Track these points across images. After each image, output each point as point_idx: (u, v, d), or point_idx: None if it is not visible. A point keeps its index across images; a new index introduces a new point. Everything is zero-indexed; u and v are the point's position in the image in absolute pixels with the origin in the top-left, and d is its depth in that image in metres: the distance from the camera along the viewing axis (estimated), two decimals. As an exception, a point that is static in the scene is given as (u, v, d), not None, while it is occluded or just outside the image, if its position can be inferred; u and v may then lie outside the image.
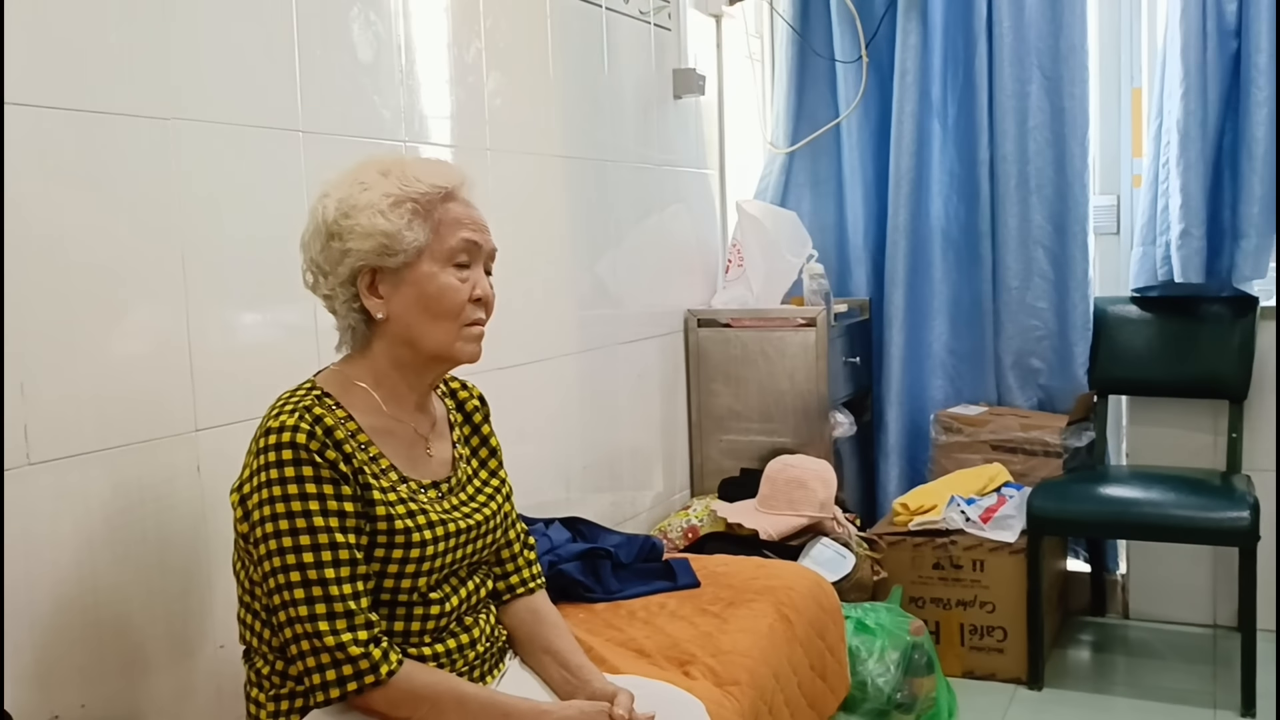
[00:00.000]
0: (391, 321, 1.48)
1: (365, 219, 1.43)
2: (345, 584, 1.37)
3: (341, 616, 1.36)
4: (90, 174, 1.56)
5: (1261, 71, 2.98)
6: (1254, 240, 3.05)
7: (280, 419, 1.39)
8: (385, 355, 1.50)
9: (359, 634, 1.36)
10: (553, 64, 2.61)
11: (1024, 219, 3.30)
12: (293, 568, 1.36)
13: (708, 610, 2.13)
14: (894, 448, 3.43)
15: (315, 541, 1.36)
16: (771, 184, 3.55)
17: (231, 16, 1.78)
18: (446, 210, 1.48)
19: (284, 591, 1.36)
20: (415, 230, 1.45)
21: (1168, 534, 2.94)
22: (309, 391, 1.45)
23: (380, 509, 1.42)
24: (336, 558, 1.37)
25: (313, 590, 1.35)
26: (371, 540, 1.42)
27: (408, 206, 1.45)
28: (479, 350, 1.53)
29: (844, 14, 3.42)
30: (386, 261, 1.45)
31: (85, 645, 1.55)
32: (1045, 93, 3.25)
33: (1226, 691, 2.85)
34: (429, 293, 1.46)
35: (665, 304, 3.16)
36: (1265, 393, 3.17)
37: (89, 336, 1.56)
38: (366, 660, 1.36)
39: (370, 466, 1.44)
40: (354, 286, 1.47)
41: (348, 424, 1.44)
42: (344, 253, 1.45)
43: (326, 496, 1.37)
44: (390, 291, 1.47)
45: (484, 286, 1.50)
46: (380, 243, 1.44)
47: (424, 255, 1.46)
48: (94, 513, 1.57)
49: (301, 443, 1.37)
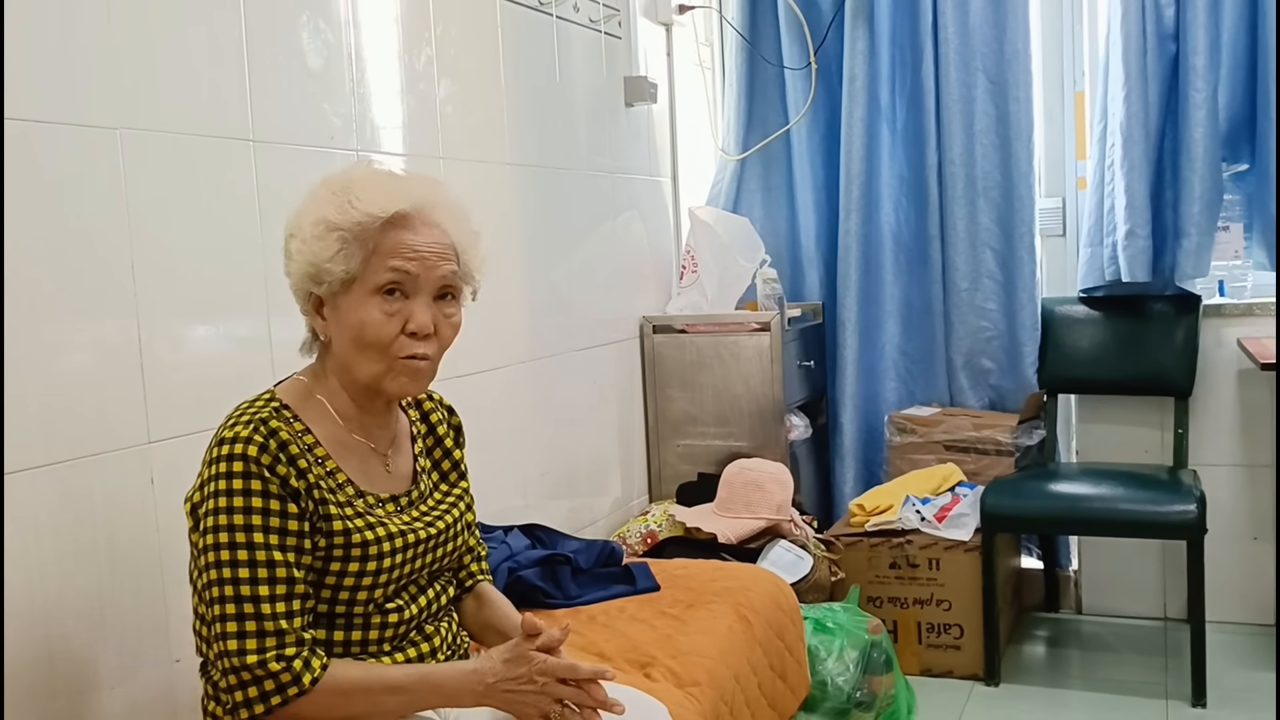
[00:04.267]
0: (334, 346, 1.46)
1: (297, 244, 1.42)
2: (279, 602, 1.35)
3: (271, 635, 1.34)
4: (36, 184, 1.54)
5: (1199, 74, 3.04)
6: (1195, 239, 3.11)
7: (235, 429, 1.38)
8: (335, 374, 1.48)
9: (285, 650, 1.34)
10: (504, 72, 2.61)
11: (972, 222, 3.35)
12: (228, 582, 1.34)
13: (667, 613, 2.14)
14: (849, 450, 3.47)
15: (253, 558, 1.34)
16: (723, 190, 3.57)
17: (180, 24, 1.77)
18: (386, 238, 1.41)
19: (215, 606, 1.35)
20: (343, 260, 1.40)
21: (1118, 529, 2.99)
22: (267, 403, 1.44)
23: (337, 523, 1.41)
24: (273, 575, 1.35)
25: (244, 607, 1.34)
26: (328, 554, 1.41)
27: (336, 236, 1.40)
28: (415, 384, 1.47)
29: (792, 22, 3.45)
30: (316, 288, 1.42)
31: (35, 664, 1.53)
32: (991, 97, 3.30)
33: (1177, 682, 2.90)
34: (353, 324, 1.42)
35: (620, 310, 3.17)
36: (1209, 389, 3.24)
37: (36, 349, 1.54)
38: (288, 673, 1.34)
39: (327, 481, 1.43)
40: (307, 302, 1.46)
41: (304, 437, 1.42)
42: (289, 271, 1.45)
43: (271, 513, 1.36)
44: (331, 316, 1.45)
45: (421, 319, 1.42)
46: (308, 270, 1.42)
47: (355, 285, 1.41)
48: (43, 528, 1.54)
49: (253, 455, 1.36)
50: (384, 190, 1.43)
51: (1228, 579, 3.18)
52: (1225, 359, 3.24)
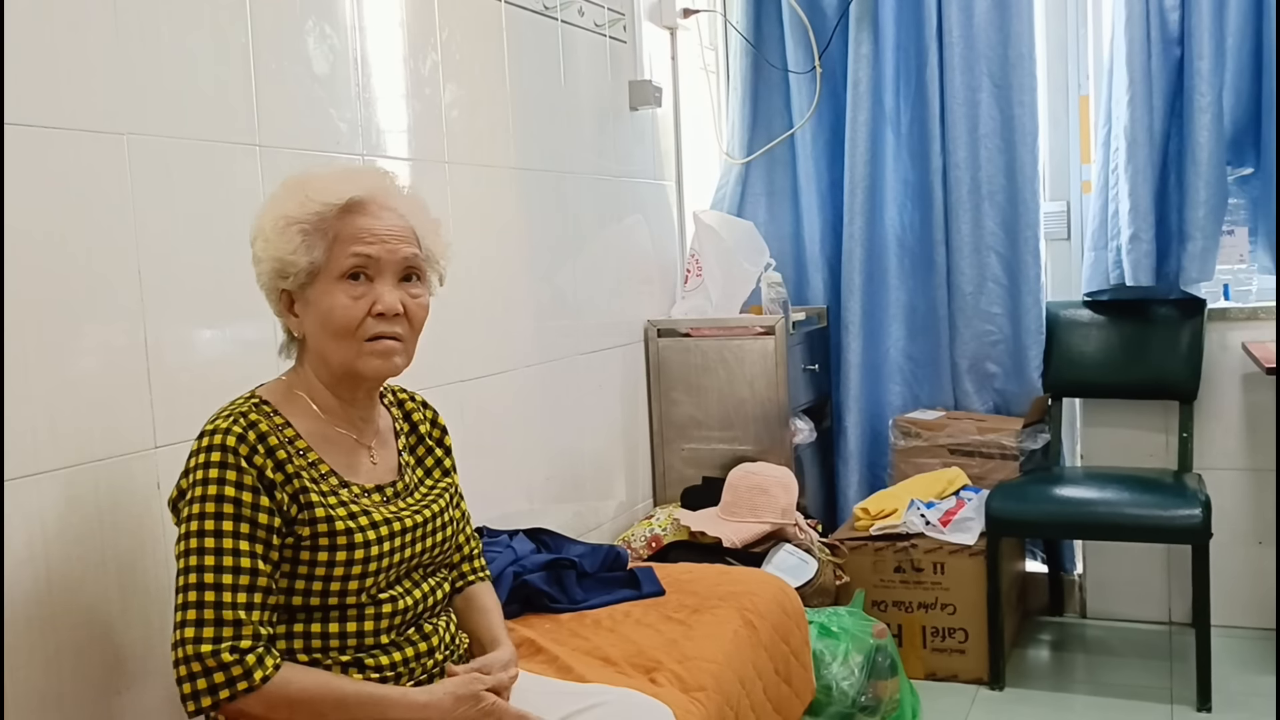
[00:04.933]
0: (308, 339, 1.50)
1: (260, 245, 1.47)
2: (240, 592, 1.37)
3: (229, 625, 1.35)
4: (44, 189, 1.55)
5: (1204, 78, 3.04)
6: (1200, 243, 3.10)
7: (215, 423, 1.42)
8: (313, 369, 1.52)
9: (241, 642, 1.35)
10: (509, 76, 2.61)
11: (977, 225, 3.35)
12: (193, 570, 1.36)
13: (672, 617, 2.14)
14: (853, 453, 3.46)
15: (219, 546, 1.37)
16: (728, 194, 3.57)
17: (186, 30, 1.77)
18: (344, 225, 1.46)
19: (179, 594, 1.37)
20: (305, 251, 1.44)
21: (1123, 533, 2.99)
22: (248, 400, 1.48)
23: (320, 510, 1.43)
24: (237, 565, 1.37)
25: (205, 595, 1.35)
26: (314, 543, 1.43)
27: (296, 229, 1.44)
28: (390, 366, 1.50)
29: (797, 25, 3.45)
30: (285, 284, 1.47)
31: (44, 669, 1.53)
32: (995, 101, 3.30)
33: (1183, 687, 2.90)
34: (322, 311, 1.46)
35: (625, 314, 3.17)
36: (1214, 393, 3.24)
37: (44, 354, 1.54)
38: (240, 666, 1.34)
39: (309, 471, 1.45)
40: (280, 304, 1.50)
41: (285, 430, 1.46)
42: (259, 274, 1.49)
43: (242, 503, 1.38)
44: (302, 311, 1.49)
45: (388, 300, 1.46)
46: (274, 267, 1.46)
47: (320, 275, 1.46)
48: (50, 532, 1.55)
49: (231, 445, 1.39)
50: (337, 181, 1.49)
51: (1233, 583, 3.18)
52: (1230, 363, 3.23)
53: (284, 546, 1.42)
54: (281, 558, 1.43)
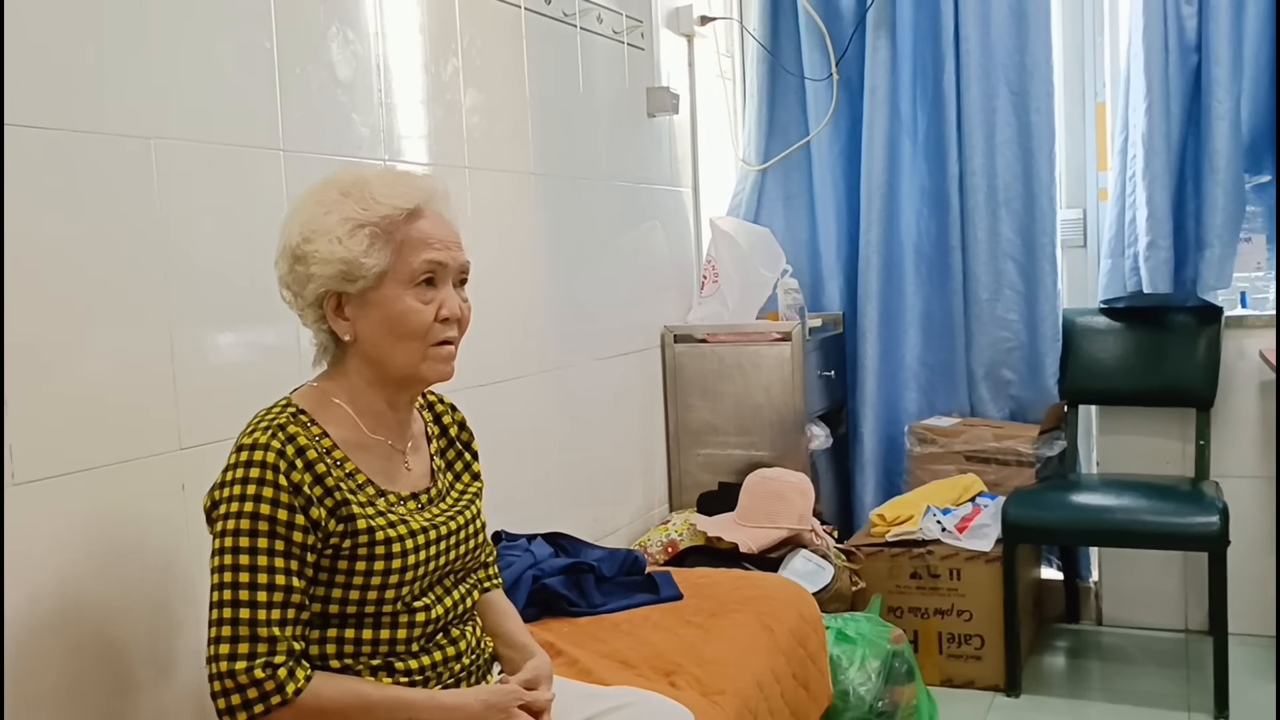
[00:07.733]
0: (360, 342, 1.48)
1: (324, 245, 1.43)
2: (274, 609, 1.37)
3: (263, 641, 1.35)
4: (71, 193, 1.56)
5: (1221, 85, 3.04)
6: (1217, 250, 3.10)
7: (254, 436, 1.41)
8: (358, 374, 1.50)
9: (274, 659, 1.36)
10: (528, 82, 2.63)
11: (993, 232, 3.35)
12: (228, 586, 1.36)
13: (690, 621, 2.15)
14: (869, 460, 3.47)
15: (254, 563, 1.36)
16: (744, 200, 3.58)
17: (211, 35, 1.79)
18: (410, 230, 1.46)
19: (214, 610, 1.37)
20: (375, 255, 1.43)
21: (1139, 540, 2.99)
22: (284, 409, 1.46)
23: (361, 522, 1.43)
24: (272, 583, 1.37)
25: (240, 612, 1.35)
26: (353, 553, 1.43)
27: (366, 231, 1.43)
28: (449, 370, 1.52)
29: (814, 32, 3.46)
30: (348, 287, 1.45)
31: (66, 667, 1.54)
32: (1012, 108, 3.30)
33: (1199, 694, 2.89)
34: (392, 315, 1.45)
35: (642, 320, 3.18)
36: (1231, 400, 3.23)
37: (71, 356, 1.56)
38: (272, 681, 1.35)
39: (347, 483, 1.44)
40: (321, 309, 1.48)
41: (322, 441, 1.44)
42: (308, 277, 1.45)
43: (278, 521, 1.37)
44: (356, 313, 1.47)
45: (452, 305, 1.48)
46: (340, 269, 1.43)
47: (387, 278, 1.45)
48: (76, 533, 1.56)
49: (271, 461, 1.38)
50: (399, 185, 1.48)
51: (1250, 591, 3.17)
52: (1247, 370, 3.22)
53: (321, 557, 1.42)
54: (319, 568, 1.43)
